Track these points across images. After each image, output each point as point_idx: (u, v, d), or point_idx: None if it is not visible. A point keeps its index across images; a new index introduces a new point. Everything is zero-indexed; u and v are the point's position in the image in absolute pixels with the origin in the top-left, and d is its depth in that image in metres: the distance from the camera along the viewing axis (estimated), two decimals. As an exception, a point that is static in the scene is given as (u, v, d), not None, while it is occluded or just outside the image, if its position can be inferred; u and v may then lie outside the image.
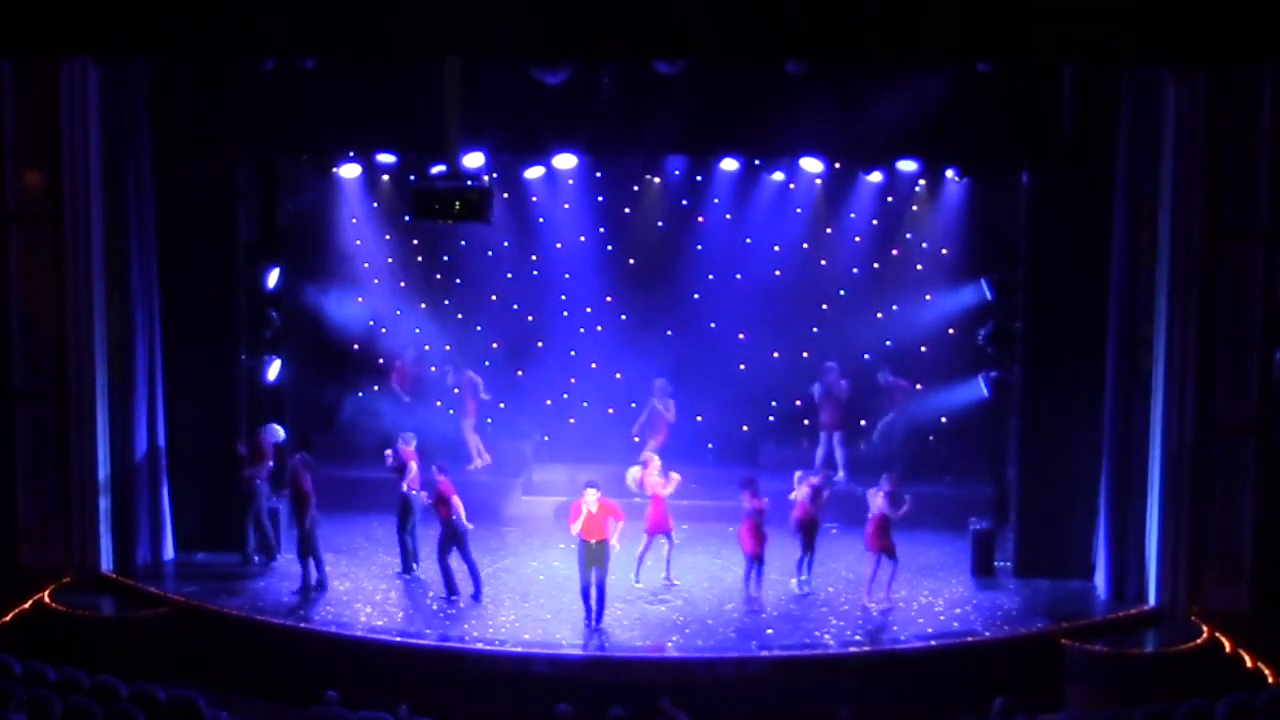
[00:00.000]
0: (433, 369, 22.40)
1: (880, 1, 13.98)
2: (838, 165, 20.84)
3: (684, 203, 22.40)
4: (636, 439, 22.00)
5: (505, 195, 20.70)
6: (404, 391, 22.01)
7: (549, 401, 22.76)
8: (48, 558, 18.27)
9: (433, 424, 21.22)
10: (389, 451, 18.84)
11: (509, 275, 22.68)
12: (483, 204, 15.51)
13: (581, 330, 22.61)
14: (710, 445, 22.35)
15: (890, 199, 21.90)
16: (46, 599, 17.55)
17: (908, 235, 22.16)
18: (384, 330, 22.45)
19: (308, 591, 18.02)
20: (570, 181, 21.84)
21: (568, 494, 19.88)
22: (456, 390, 21.89)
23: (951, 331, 21.84)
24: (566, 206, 22.23)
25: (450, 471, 18.43)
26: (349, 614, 17.47)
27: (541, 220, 22.25)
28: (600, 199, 22.29)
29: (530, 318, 22.80)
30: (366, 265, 22.49)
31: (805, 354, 22.39)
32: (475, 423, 21.89)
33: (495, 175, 18.65)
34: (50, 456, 18.24)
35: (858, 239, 22.17)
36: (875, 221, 22.08)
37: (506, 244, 22.32)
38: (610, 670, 16.30)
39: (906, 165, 20.30)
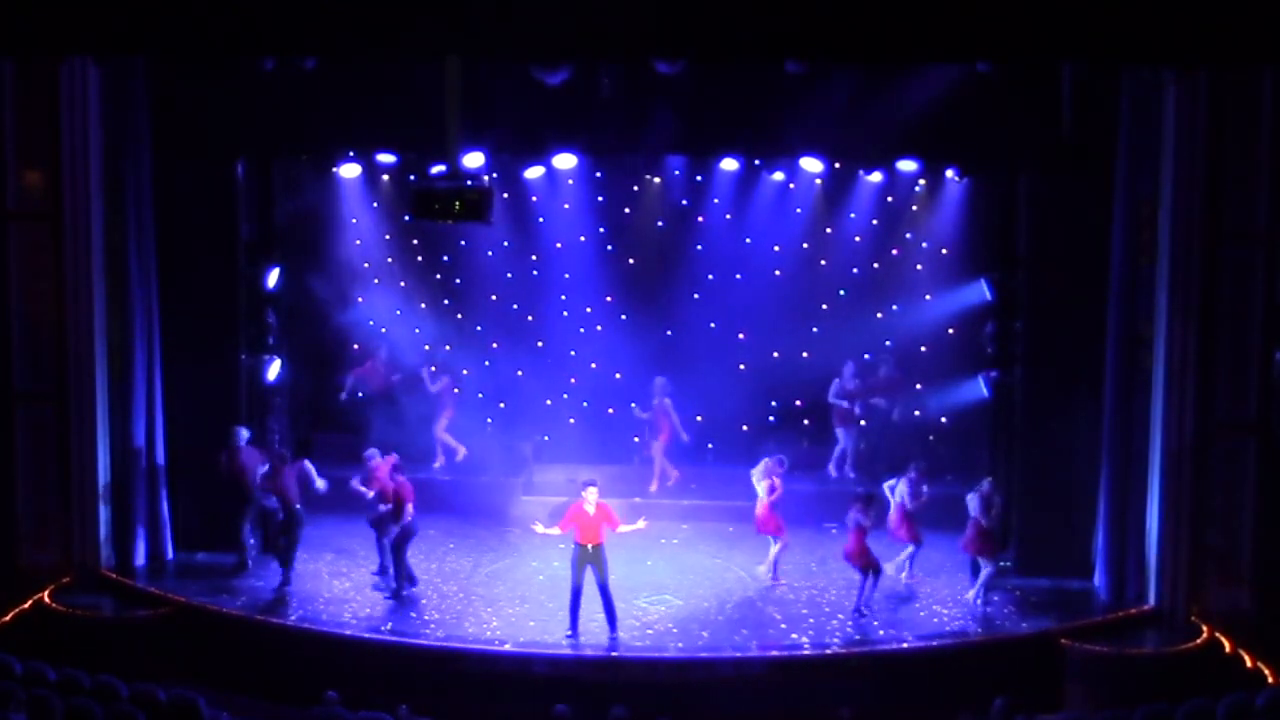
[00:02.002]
0: (432, 368, 22.34)
1: (880, 1, 13.96)
2: (838, 165, 20.82)
3: (684, 203, 22.37)
4: (636, 439, 22.02)
5: (505, 195, 20.65)
6: (371, 390, 21.84)
7: (549, 401, 22.75)
8: (48, 558, 18.29)
9: (401, 425, 21.12)
10: (360, 484, 18.53)
11: (509, 275, 22.65)
12: (483, 204, 15.48)
13: (581, 330, 22.58)
14: (710, 445, 22.35)
15: (890, 199, 21.88)
16: (46, 599, 17.55)
17: (908, 235, 22.15)
18: (384, 330, 22.44)
19: (287, 589, 18.00)
20: (570, 181, 21.81)
21: (568, 494, 19.88)
22: (435, 387, 21.82)
23: (951, 331, 21.83)
24: (566, 206, 22.20)
25: (408, 473, 18.37)
26: (348, 614, 17.47)
27: (541, 220, 22.21)
28: (600, 199, 22.25)
29: (530, 318, 22.77)
30: (366, 265, 22.47)
31: (805, 354, 22.40)
32: (448, 424, 21.85)
33: (495, 175, 18.66)
34: (50, 456, 18.26)
35: (858, 239, 22.16)
36: (875, 221, 22.06)
37: (506, 244, 22.27)
38: (610, 670, 16.29)
39: (906, 165, 20.29)
